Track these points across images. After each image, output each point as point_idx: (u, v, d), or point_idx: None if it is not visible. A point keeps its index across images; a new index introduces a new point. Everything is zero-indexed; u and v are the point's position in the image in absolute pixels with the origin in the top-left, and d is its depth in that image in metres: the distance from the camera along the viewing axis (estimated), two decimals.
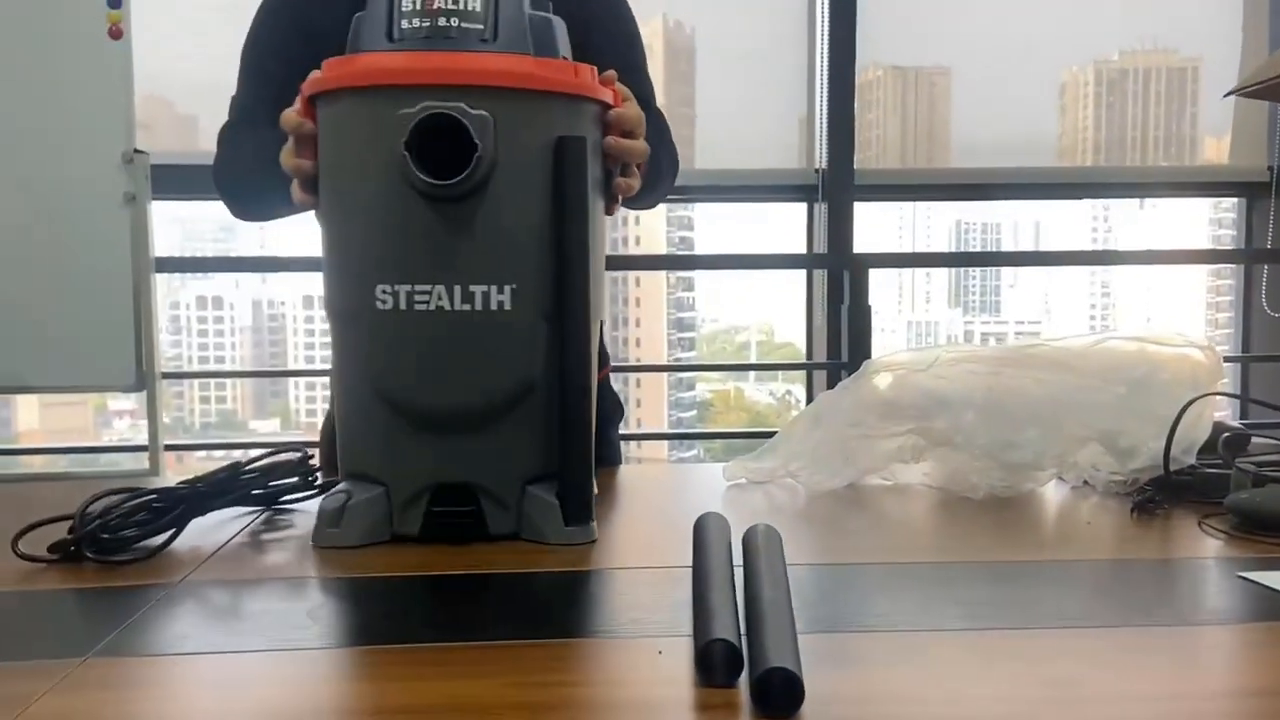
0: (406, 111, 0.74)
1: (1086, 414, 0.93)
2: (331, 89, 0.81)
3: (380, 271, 0.79)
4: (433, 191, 0.75)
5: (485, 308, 0.78)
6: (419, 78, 0.76)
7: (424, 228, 0.78)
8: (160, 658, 0.60)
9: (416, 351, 0.79)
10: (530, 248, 0.79)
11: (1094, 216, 3.67)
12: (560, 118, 0.80)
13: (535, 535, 0.81)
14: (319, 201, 0.86)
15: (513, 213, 0.79)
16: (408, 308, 0.78)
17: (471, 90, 0.75)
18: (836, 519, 0.94)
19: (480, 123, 0.74)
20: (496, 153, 0.76)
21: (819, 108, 2.96)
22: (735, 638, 0.55)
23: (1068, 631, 0.62)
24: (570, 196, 0.79)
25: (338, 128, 0.81)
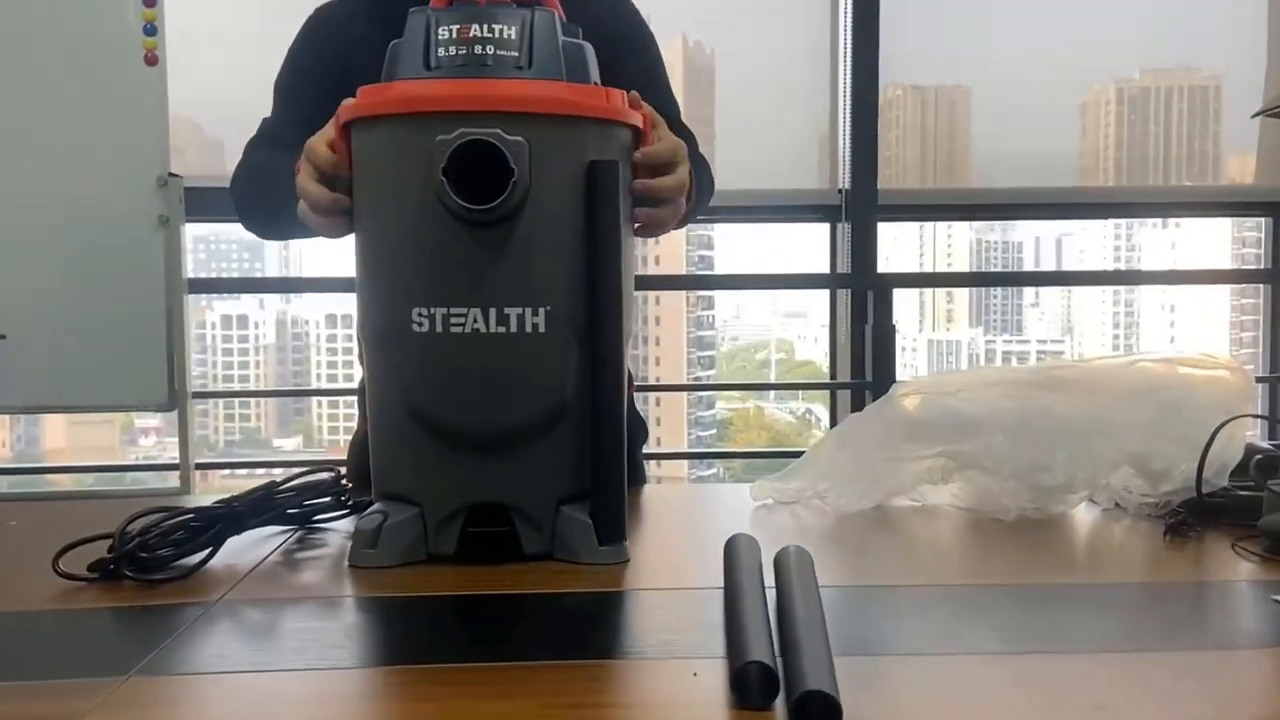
0: (444, 138, 0.75)
1: (1118, 437, 0.93)
2: (368, 116, 0.82)
3: (416, 294, 0.80)
4: (469, 216, 0.77)
5: (520, 330, 0.79)
6: (456, 104, 0.77)
7: (459, 251, 0.79)
8: (200, 676, 0.60)
9: (451, 373, 0.80)
10: (563, 270, 0.80)
11: (1117, 235, 3.66)
12: (593, 142, 0.82)
13: (568, 555, 0.81)
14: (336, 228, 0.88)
15: (546, 236, 0.80)
16: (443, 330, 0.79)
17: (507, 116, 0.77)
18: (866, 540, 0.94)
19: (516, 148, 0.76)
20: (531, 177, 0.77)
21: (842, 128, 2.96)
22: (770, 659, 0.55)
23: (1104, 656, 0.62)
24: (603, 220, 0.80)
25: (375, 154, 0.83)
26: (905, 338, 2.97)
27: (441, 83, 0.79)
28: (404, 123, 0.80)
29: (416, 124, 0.79)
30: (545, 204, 0.79)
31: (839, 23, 2.96)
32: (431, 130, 0.76)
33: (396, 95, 0.81)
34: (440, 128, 0.76)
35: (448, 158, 0.75)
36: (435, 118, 0.77)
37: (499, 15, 0.80)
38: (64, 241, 2.16)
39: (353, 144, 0.84)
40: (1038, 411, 0.95)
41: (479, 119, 0.76)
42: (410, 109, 0.80)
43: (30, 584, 0.78)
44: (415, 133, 0.78)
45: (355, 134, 0.84)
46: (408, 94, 0.80)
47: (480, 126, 0.75)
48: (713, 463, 3.74)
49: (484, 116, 0.76)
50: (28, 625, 0.70)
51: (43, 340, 2.09)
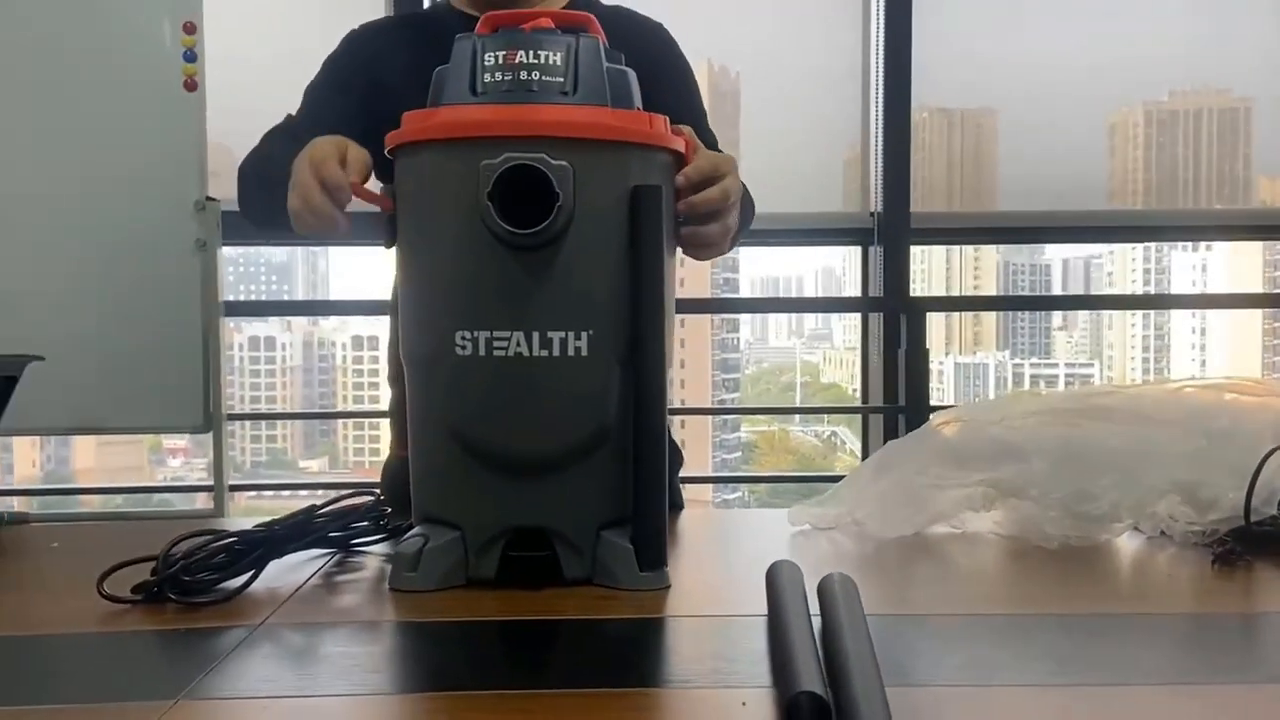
0: (489, 162, 0.76)
1: (1164, 465, 0.91)
2: (415, 141, 0.83)
3: (460, 318, 0.80)
4: (514, 240, 0.77)
5: (562, 353, 0.79)
6: (501, 129, 0.78)
7: (503, 275, 0.79)
8: (247, 701, 0.60)
9: (494, 396, 0.80)
10: (606, 294, 0.81)
11: (1146, 259, 3.63)
12: (636, 166, 0.82)
13: (609, 580, 0.81)
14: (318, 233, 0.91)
15: (589, 260, 0.80)
16: (486, 354, 0.79)
17: (551, 141, 0.77)
18: (907, 568, 0.93)
19: (561, 173, 0.76)
20: (574, 202, 0.78)
21: (874, 151, 2.96)
22: (822, 689, 0.54)
23: (1156, 689, 0.61)
24: (646, 244, 0.80)
25: (420, 179, 0.83)
26: (933, 360, 2.96)
27: (487, 108, 0.80)
28: (450, 148, 0.81)
29: (462, 149, 0.79)
30: (589, 228, 0.79)
31: (870, 45, 2.96)
32: (477, 155, 0.77)
33: (442, 120, 0.82)
34: (486, 153, 0.76)
35: (493, 182, 0.75)
36: (481, 143, 0.78)
37: (544, 41, 0.81)
38: (103, 264, 2.19)
39: (398, 169, 0.85)
40: (1081, 439, 0.94)
41: (524, 144, 0.76)
42: (456, 134, 0.80)
43: (76, 606, 0.78)
44: (461, 157, 0.79)
45: (401, 159, 0.85)
46: (454, 119, 0.81)
47: (525, 151, 0.76)
48: (737, 486, 3.72)
49: (529, 141, 0.77)
50: (75, 647, 0.70)
51: (81, 362, 2.11)
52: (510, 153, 0.76)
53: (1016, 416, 0.97)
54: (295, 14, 2.74)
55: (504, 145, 0.76)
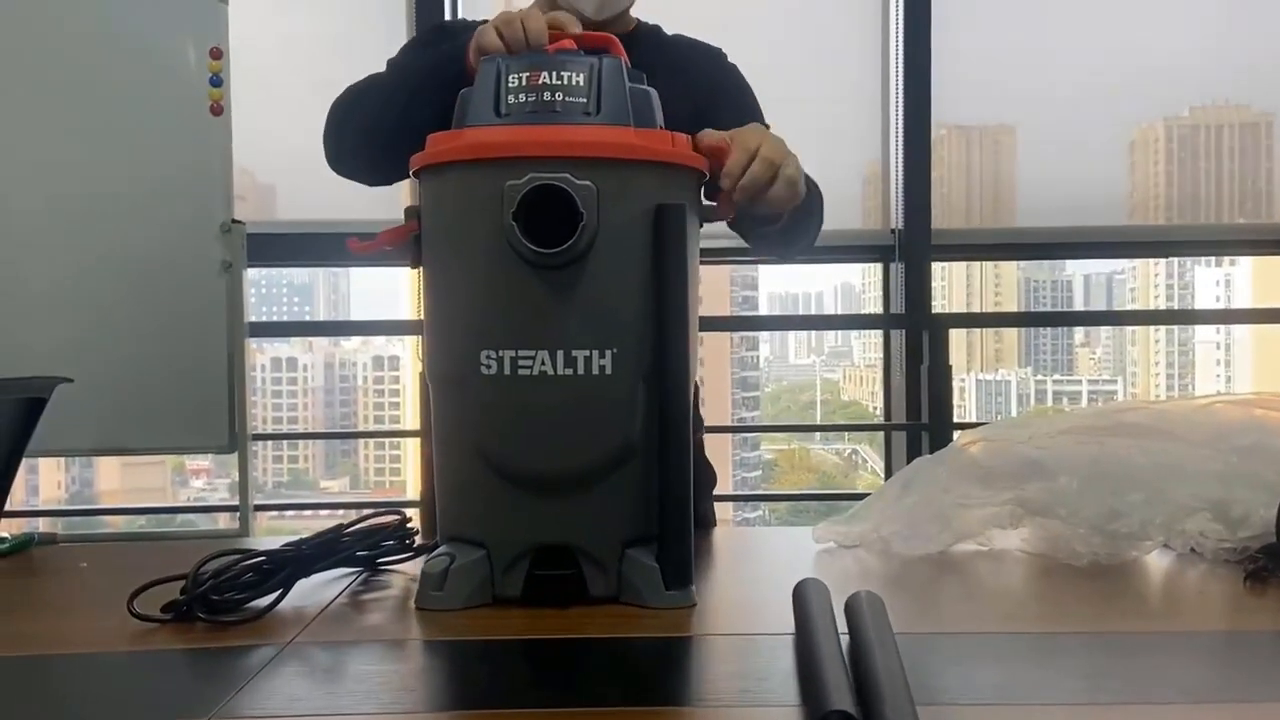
0: (514, 183, 0.76)
1: (1194, 482, 0.90)
2: (439, 163, 0.83)
3: (485, 337, 0.80)
4: (538, 260, 0.77)
5: (587, 372, 0.79)
6: (525, 150, 0.78)
7: (528, 295, 0.80)
8: (284, 719, 0.60)
9: (519, 415, 0.81)
10: (630, 312, 0.81)
11: (1169, 274, 3.61)
12: (659, 185, 0.82)
13: (635, 599, 0.81)
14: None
15: (613, 278, 0.80)
16: (511, 372, 0.79)
17: (575, 161, 0.78)
18: (934, 585, 0.92)
19: (585, 192, 0.77)
20: (598, 221, 0.78)
21: (894, 167, 2.96)
22: (852, 708, 0.54)
23: (1189, 707, 0.60)
24: (669, 262, 0.80)
25: (444, 199, 0.84)
26: (954, 378, 2.95)
27: (511, 129, 0.81)
28: (474, 169, 0.81)
29: (487, 170, 0.80)
30: (612, 247, 0.79)
31: (890, 62, 2.97)
32: (501, 176, 0.77)
33: (467, 142, 0.82)
34: (510, 173, 0.77)
35: (518, 202, 0.76)
36: (505, 163, 0.78)
37: (568, 63, 0.82)
38: (130, 286, 2.21)
39: (422, 189, 0.86)
40: (1110, 457, 0.93)
41: (548, 164, 0.77)
42: (480, 155, 0.81)
43: (105, 625, 0.79)
44: (485, 178, 0.79)
45: (425, 179, 0.85)
46: (478, 140, 0.82)
47: (549, 171, 0.76)
48: (758, 505, 3.71)
49: (553, 162, 0.77)
50: (105, 667, 0.70)
51: (108, 383, 2.13)
52: (534, 173, 0.76)
53: (1043, 436, 0.97)
54: (319, 40, 2.78)
55: (528, 165, 0.77)
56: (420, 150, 0.85)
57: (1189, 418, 0.94)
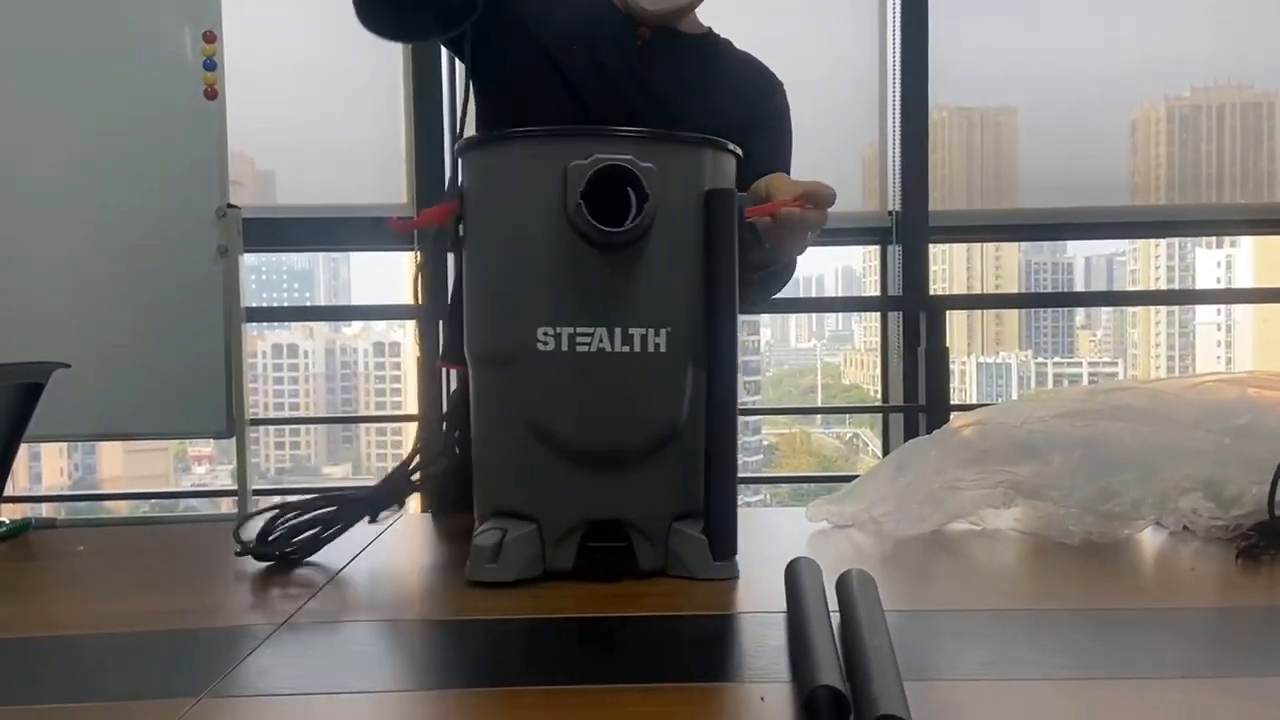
0: (579, 163, 0.78)
1: (1188, 463, 0.91)
2: (491, 138, 0.86)
3: (543, 314, 0.81)
4: (603, 239, 0.79)
5: (643, 349, 0.81)
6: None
7: (588, 272, 0.81)
8: (269, 698, 0.61)
9: (576, 391, 0.82)
10: (683, 292, 0.83)
11: (1170, 256, 3.60)
12: (709, 167, 0.85)
13: (682, 570, 0.83)
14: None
15: (668, 259, 0.82)
16: (569, 349, 0.81)
17: (633, 140, 0.81)
18: (926, 564, 0.92)
19: (648, 173, 0.78)
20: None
21: (891, 150, 2.96)
22: (840, 684, 0.54)
23: (1180, 682, 0.60)
24: (719, 245, 0.82)
25: (500, 172, 0.85)
26: (954, 360, 2.94)
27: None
28: (534, 142, 0.84)
29: (547, 144, 0.82)
30: (667, 227, 0.81)
31: (887, 45, 2.96)
32: (561, 150, 0.80)
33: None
34: (570, 148, 0.79)
35: (586, 182, 0.78)
36: (564, 141, 0.81)
37: None
38: (126, 272, 2.21)
39: (467, 165, 0.87)
40: (1103, 439, 0.93)
41: (608, 140, 0.80)
42: (537, 131, 0.84)
43: (100, 608, 0.79)
44: (546, 153, 0.81)
45: (473, 155, 0.87)
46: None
47: (608, 147, 0.79)
48: (759, 488, 3.71)
49: (612, 139, 0.80)
50: (99, 648, 0.71)
51: (105, 369, 2.14)
52: (597, 152, 0.78)
53: (1036, 420, 0.97)
54: (313, 23, 2.76)
55: (587, 141, 0.80)
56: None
57: (1181, 397, 0.94)
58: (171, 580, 0.89)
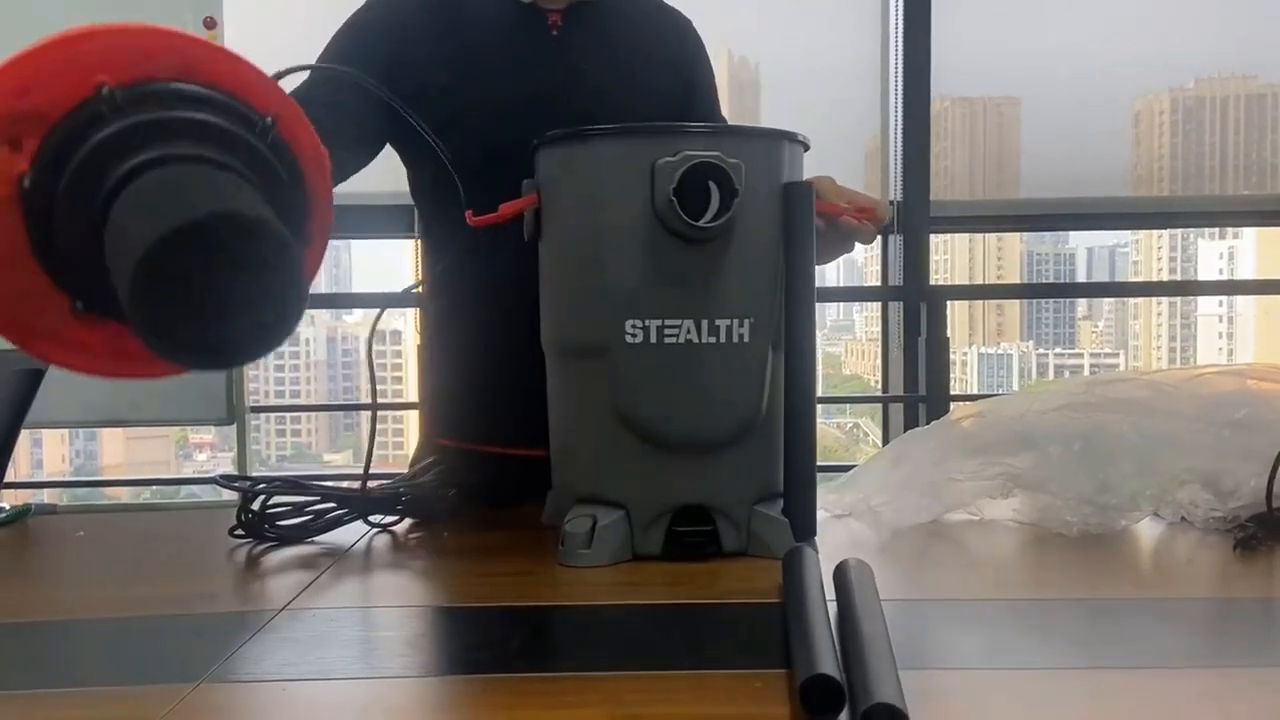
0: (669, 160, 0.80)
1: (1186, 454, 0.91)
2: (574, 133, 0.87)
3: (632, 308, 0.84)
4: (693, 234, 0.81)
5: (728, 340, 0.84)
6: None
7: (676, 266, 0.84)
8: (270, 684, 0.61)
9: (664, 382, 0.84)
10: (765, 283, 0.86)
11: (1172, 247, 3.60)
12: (787, 160, 0.88)
13: (764, 551, 0.85)
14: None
15: (751, 250, 0.85)
16: (657, 341, 0.83)
17: (717, 134, 0.85)
18: (924, 554, 0.92)
19: (736, 169, 0.81)
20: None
21: (893, 139, 2.95)
22: (836, 672, 0.55)
23: (1178, 672, 0.60)
24: (798, 237, 0.85)
25: (587, 168, 0.87)
26: (955, 351, 2.95)
27: None
28: (617, 139, 0.85)
29: (631, 141, 0.84)
30: (748, 220, 0.83)
31: (889, 34, 2.95)
32: (645, 147, 0.82)
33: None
34: (653, 145, 0.81)
35: (678, 179, 0.79)
36: (649, 135, 0.84)
37: None
38: None
39: (544, 159, 0.89)
40: (1101, 432, 0.93)
41: (690, 137, 0.82)
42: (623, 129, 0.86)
43: (99, 593, 0.79)
44: (630, 149, 0.83)
45: (551, 150, 0.88)
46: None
47: (690, 143, 0.81)
48: None
49: (694, 136, 0.83)
50: (98, 633, 0.71)
51: None
52: (678, 148, 0.80)
53: (1035, 413, 0.97)
54: (315, 9, 2.75)
55: (668, 140, 0.82)
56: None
57: (1181, 389, 0.94)
58: (172, 566, 0.90)
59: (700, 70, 1.30)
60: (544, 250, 0.92)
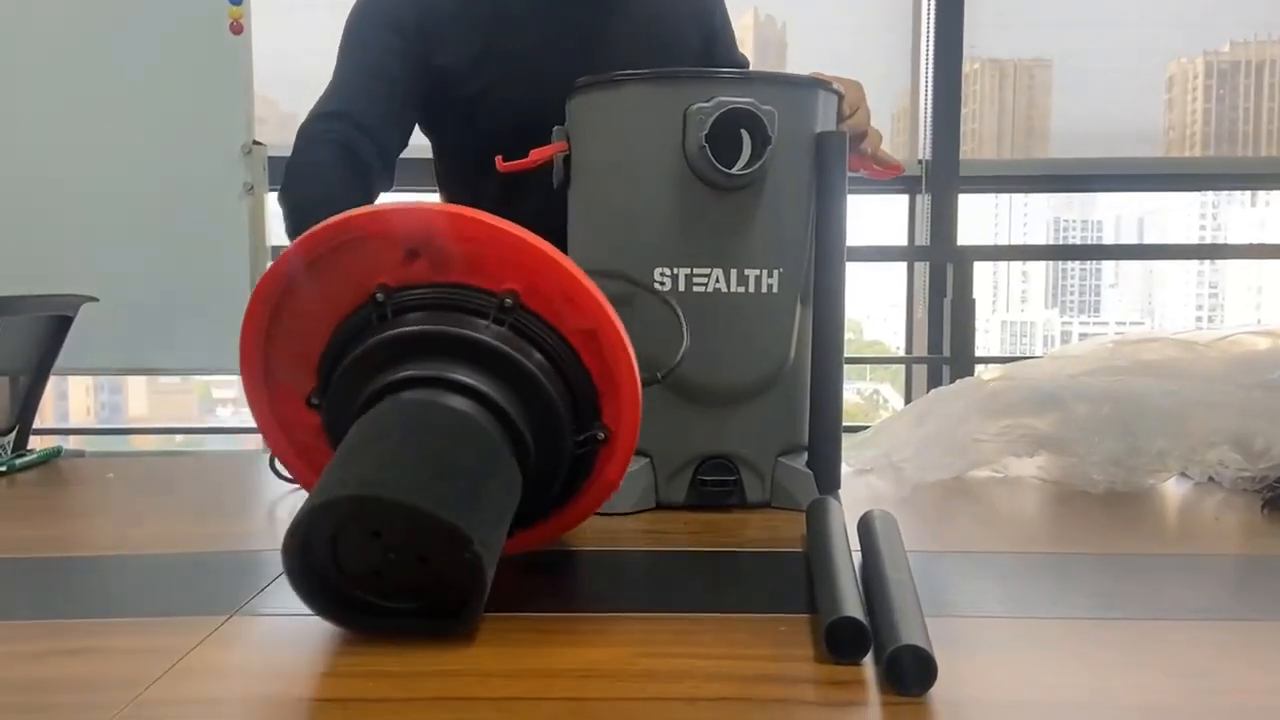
0: (702, 106, 0.79)
1: (1216, 416, 0.90)
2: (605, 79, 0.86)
3: (661, 255, 0.83)
4: (724, 181, 0.80)
5: (757, 290, 0.83)
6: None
7: (706, 214, 0.83)
8: (299, 618, 0.62)
9: (691, 331, 0.83)
10: (795, 234, 0.85)
11: (1201, 214, 3.54)
12: (820, 109, 0.86)
13: (788, 503, 0.86)
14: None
15: (782, 200, 0.84)
16: (685, 289, 0.83)
17: (749, 80, 0.83)
18: (947, 508, 0.92)
19: (769, 116, 0.80)
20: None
21: (924, 99, 2.91)
22: (862, 616, 0.55)
23: (1202, 624, 0.60)
24: (830, 187, 0.84)
25: (617, 115, 0.86)
26: (979, 319, 2.92)
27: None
28: (649, 85, 0.84)
29: (663, 86, 0.83)
30: (780, 169, 0.82)
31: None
32: (678, 93, 0.81)
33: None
34: (686, 91, 0.80)
35: (710, 125, 0.78)
36: (682, 80, 0.82)
37: None
38: (152, 208, 2.21)
39: (576, 106, 0.88)
40: (1130, 391, 0.92)
41: (724, 83, 0.81)
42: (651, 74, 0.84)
43: (132, 531, 0.81)
44: (662, 95, 0.82)
45: (583, 97, 0.87)
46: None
47: (724, 89, 0.80)
48: None
49: (727, 82, 0.82)
50: (132, 568, 0.72)
51: (132, 304, 2.15)
52: (712, 95, 0.79)
53: (1064, 376, 0.96)
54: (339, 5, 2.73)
55: (702, 86, 0.80)
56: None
57: (1211, 348, 0.93)
58: (202, 506, 0.91)
59: (719, 15, 1.29)
60: (573, 198, 0.91)
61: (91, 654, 0.55)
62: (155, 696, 0.49)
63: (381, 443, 0.57)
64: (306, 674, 0.53)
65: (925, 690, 0.49)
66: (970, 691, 0.50)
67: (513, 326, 0.62)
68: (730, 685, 0.51)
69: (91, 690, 0.50)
